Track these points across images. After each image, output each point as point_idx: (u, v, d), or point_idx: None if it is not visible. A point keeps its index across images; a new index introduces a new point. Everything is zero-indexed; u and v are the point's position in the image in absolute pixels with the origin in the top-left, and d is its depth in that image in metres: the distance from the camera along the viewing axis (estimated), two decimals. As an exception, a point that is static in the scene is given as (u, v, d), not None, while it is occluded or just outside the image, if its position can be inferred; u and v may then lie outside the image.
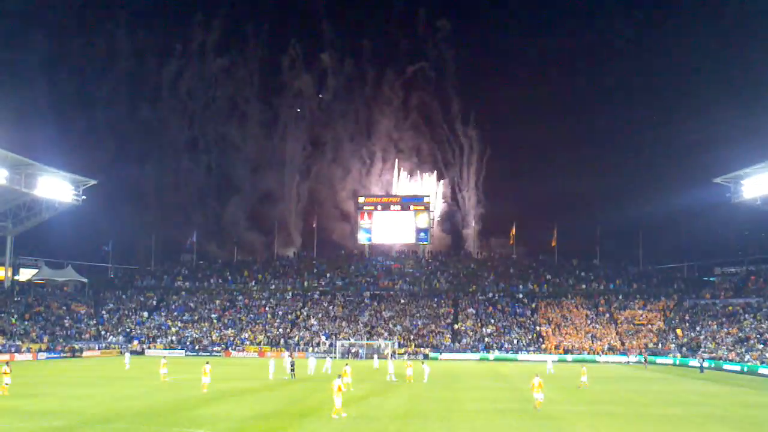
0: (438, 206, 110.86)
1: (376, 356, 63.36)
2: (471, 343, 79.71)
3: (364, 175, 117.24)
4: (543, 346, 78.18)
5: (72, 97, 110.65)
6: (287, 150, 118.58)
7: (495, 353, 76.51)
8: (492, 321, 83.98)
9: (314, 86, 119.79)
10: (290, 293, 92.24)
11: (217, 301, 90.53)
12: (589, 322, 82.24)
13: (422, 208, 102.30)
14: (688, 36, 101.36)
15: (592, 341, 78.04)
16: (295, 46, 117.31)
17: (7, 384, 35.60)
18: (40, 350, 70.79)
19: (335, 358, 68.69)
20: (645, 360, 68.95)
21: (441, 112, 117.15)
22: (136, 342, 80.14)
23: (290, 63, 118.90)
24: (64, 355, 72.26)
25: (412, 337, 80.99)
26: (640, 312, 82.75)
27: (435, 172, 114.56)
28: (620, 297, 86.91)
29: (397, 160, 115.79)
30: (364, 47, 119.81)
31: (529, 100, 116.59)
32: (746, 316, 72.13)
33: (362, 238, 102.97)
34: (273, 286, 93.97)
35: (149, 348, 79.01)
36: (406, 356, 73.71)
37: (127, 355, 59.38)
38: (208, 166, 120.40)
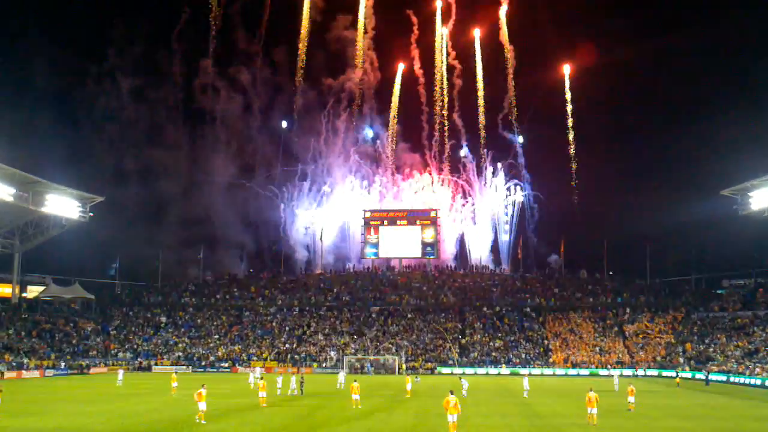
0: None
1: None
2: (479, 357, 79.44)
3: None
4: (550, 359, 77.84)
5: (78, 114, 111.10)
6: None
7: (502, 368, 76.33)
8: (499, 335, 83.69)
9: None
10: (297, 308, 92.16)
11: (224, 317, 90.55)
12: (596, 335, 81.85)
13: (429, 222, 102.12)
14: (696, 47, 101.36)
15: (600, 355, 77.65)
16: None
17: None
18: (47, 367, 70.98)
19: (345, 372, 68.26)
20: (677, 375, 64.95)
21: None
22: (140, 359, 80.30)
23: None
24: (71, 372, 72.38)
25: (419, 351, 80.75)
26: (649, 325, 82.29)
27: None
28: (628, 310, 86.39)
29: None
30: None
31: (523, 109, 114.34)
32: (755, 328, 71.69)
33: (369, 252, 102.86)
34: (280, 302, 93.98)
35: (156, 364, 79.14)
36: (421, 370, 73.61)
37: (120, 371, 59.43)
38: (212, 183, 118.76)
